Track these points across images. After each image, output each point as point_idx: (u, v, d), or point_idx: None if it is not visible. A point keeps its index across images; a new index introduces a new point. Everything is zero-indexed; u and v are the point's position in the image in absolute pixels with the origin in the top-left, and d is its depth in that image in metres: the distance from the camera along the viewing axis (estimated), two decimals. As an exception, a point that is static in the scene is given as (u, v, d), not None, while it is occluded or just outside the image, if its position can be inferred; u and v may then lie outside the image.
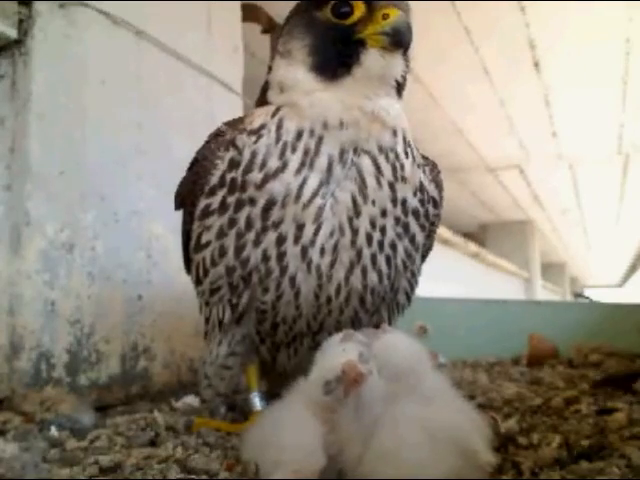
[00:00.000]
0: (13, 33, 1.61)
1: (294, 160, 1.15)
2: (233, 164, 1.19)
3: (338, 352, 0.95)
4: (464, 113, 5.05)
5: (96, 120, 1.70)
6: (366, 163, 1.18)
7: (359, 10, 1.19)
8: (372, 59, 1.18)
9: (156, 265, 1.85)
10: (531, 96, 4.68)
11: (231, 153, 1.20)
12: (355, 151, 1.17)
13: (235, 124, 1.27)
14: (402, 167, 1.21)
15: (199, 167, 1.25)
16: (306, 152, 1.15)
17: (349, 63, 1.18)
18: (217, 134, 1.27)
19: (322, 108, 1.17)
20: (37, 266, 1.55)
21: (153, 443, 1.21)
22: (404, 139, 1.23)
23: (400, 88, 1.24)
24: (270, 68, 1.31)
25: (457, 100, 4.78)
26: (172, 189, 1.38)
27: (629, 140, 5.63)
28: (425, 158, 1.34)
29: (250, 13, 2.66)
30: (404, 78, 1.24)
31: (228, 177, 1.19)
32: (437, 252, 1.47)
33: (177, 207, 1.38)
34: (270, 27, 2.78)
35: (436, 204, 1.34)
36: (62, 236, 1.59)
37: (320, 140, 1.16)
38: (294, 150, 1.15)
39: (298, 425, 0.90)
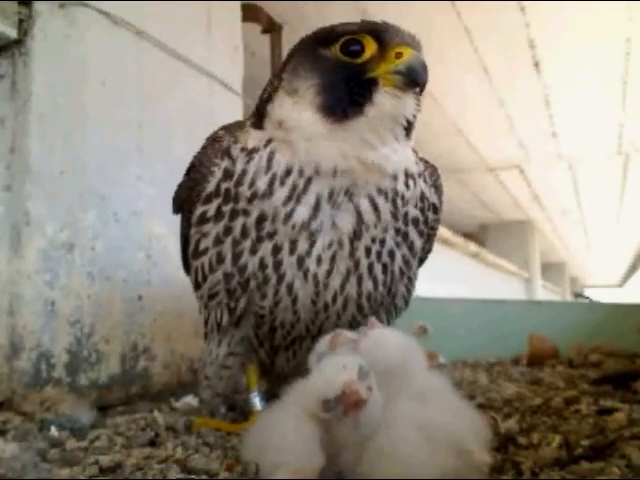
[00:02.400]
0: (13, 33, 1.61)
1: (281, 192, 1.14)
2: (227, 174, 1.18)
3: (338, 368, 0.91)
4: (464, 113, 5.05)
5: (96, 120, 1.69)
6: (363, 203, 1.16)
7: (370, 48, 1.15)
8: (385, 98, 1.13)
9: (156, 265, 1.85)
10: (531, 96, 4.68)
11: (226, 162, 1.19)
12: (346, 193, 1.15)
13: (232, 130, 1.25)
14: (403, 197, 1.20)
15: (196, 173, 1.24)
16: (294, 188, 1.14)
17: (361, 103, 1.13)
18: (214, 139, 1.25)
19: (317, 156, 1.13)
20: (37, 266, 1.55)
21: (153, 443, 1.21)
22: (406, 174, 1.21)
23: (410, 127, 1.19)
24: (269, 96, 1.22)
25: (457, 100, 4.77)
26: (172, 189, 1.38)
27: (629, 140, 5.63)
28: (425, 162, 1.32)
29: (250, 13, 2.65)
30: (415, 117, 1.18)
31: (223, 187, 1.18)
32: (437, 252, 1.47)
33: (175, 211, 1.38)
34: (270, 27, 2.77)
35: (436, 209, 1.33)
36: (62, 236, 1.59)
37: (309, 180, 1.14)
38: (282, 184, 1.14)
39: (297, 426, 0.90)
